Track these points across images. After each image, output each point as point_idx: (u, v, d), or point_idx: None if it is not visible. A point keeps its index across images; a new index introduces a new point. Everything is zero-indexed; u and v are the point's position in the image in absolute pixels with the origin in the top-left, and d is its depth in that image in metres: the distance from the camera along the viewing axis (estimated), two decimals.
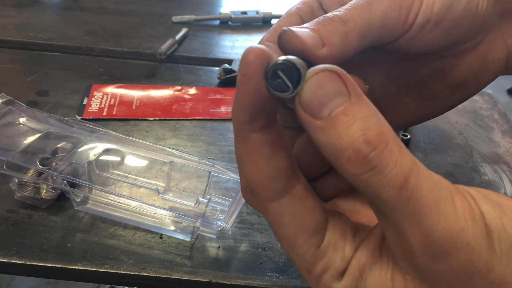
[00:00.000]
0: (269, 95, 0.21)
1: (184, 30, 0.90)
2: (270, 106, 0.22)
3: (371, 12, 0.27)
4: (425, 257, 0.21)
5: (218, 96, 0.74)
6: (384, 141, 0.20)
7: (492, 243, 0.21)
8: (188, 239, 0.49)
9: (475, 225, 0.21)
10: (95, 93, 0.72)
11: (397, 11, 0.29)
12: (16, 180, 0.50)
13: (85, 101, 0.70)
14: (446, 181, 0.22)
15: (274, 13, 0.98)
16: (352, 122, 0.20)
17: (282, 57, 0.20)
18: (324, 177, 0.31)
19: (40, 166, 0.51)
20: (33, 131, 0.56)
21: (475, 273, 0.21)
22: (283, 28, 0.24)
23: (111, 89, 0.73)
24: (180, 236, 0.49)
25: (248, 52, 0.20)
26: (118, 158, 0.55)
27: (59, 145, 0.54)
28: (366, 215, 0.29)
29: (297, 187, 0.24)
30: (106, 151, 0.55)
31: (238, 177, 0.52)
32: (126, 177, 0.54)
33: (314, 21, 0.26)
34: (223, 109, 0.71)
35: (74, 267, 0.46)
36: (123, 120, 0.67)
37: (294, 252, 0.24)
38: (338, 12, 0.26)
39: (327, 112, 0.20)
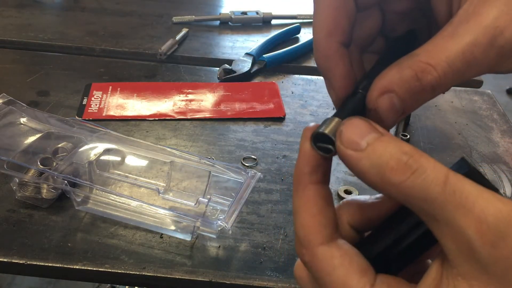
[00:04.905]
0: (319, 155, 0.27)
1: (184, 31, 0.90)
2: (325, 164, 0.27)
3: None
4: (485, 247, 0.23)
5: None
6: (418, 152, 0.24)
7: None
8: (188, 238, 0.49)
9: None
10: (94, 92, 0.72)
11: None
12: (17, 180, 0.51)
13: (84, 101, 0.70)
14: None
15: (274, 13, 0.99)
16: (387, 144, 0.24)
17: (318, 129, 0.27)
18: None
19: (41, 166, 0.51)
20: (34, 131, 0.56)
21: None
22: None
23: (111, 89, 0.74)
24: (180, 236, 0.49)
25: (304, 129, 0.28)
26: (118, 158, 0.56)
27: (59, 145, 0.54)
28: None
29: (340, 239, 0.28)
30: (107, 151, 0.55)
31: (238, 177, 0.53)
32: (126, 177, 0.55)
33: None
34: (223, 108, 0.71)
35: (74, 267, 0.46)
36: (124, 120, 0.67)
37: None
38: None
39: (365, 144, 0.25)
